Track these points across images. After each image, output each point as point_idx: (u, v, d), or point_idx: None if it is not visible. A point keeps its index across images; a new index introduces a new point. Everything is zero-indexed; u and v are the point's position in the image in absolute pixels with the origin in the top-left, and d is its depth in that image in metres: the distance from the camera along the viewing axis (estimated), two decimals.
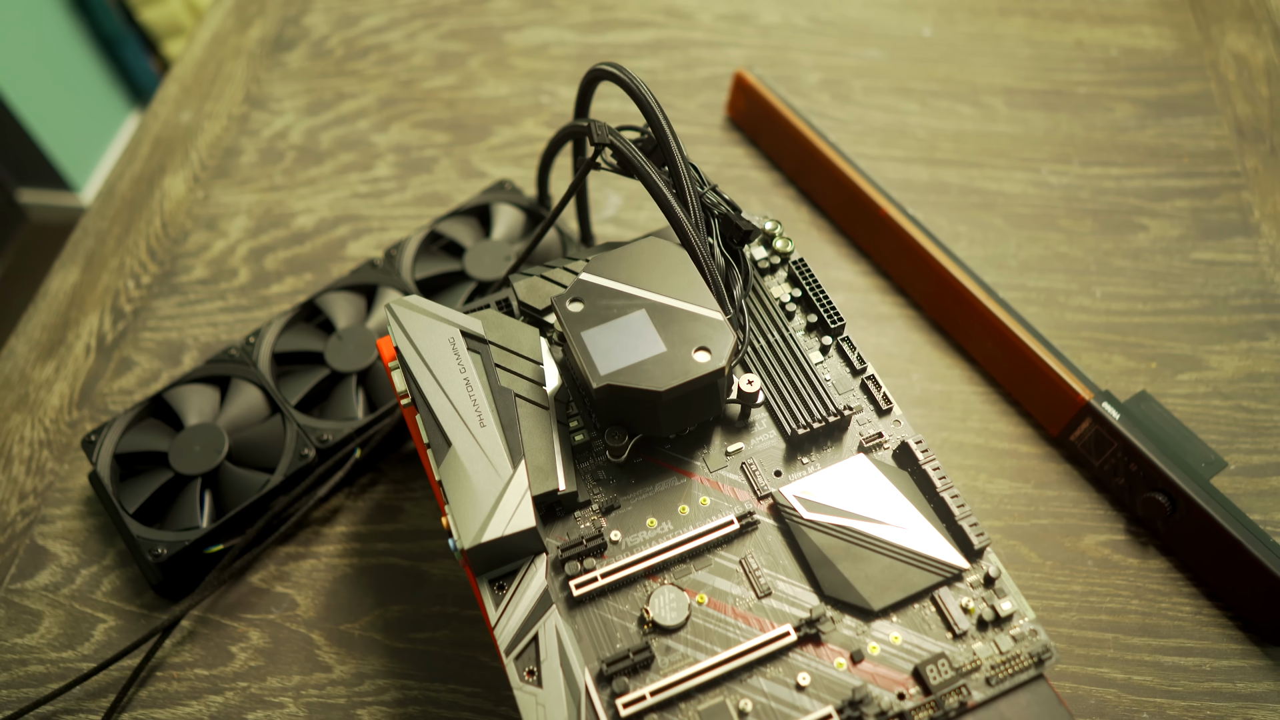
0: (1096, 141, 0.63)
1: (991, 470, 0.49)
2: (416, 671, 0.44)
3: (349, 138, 0.66)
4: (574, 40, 0.71)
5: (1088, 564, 0.46)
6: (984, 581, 0.34)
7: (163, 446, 0.47)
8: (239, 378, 0.50)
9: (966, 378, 0.53)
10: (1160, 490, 0.44)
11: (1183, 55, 0.68)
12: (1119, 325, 0.54)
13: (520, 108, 0.67)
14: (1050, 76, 0.67)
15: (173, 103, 0.69)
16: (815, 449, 0.37)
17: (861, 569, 0.34)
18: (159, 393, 0.49)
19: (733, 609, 0.33)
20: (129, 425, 0.48)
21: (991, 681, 0.32)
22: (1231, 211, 0.59)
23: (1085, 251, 0.58)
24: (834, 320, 0.40)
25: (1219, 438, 0.50)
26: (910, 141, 0.64)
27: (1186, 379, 0.52)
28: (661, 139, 0.38)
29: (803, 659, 0.32)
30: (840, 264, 0.58)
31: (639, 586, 0.34)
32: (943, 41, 0.69)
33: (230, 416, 0.48)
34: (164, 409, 0.49)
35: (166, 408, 0.49)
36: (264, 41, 0.73)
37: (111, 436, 0.48)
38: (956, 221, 0.59)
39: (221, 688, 0.44)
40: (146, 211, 0.63)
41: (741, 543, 0.35)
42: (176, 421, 0.49)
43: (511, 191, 0.57)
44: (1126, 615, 0.44)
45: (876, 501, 0.35)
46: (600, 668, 0.32)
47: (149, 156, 0.66)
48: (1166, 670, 0.43)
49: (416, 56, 0.71)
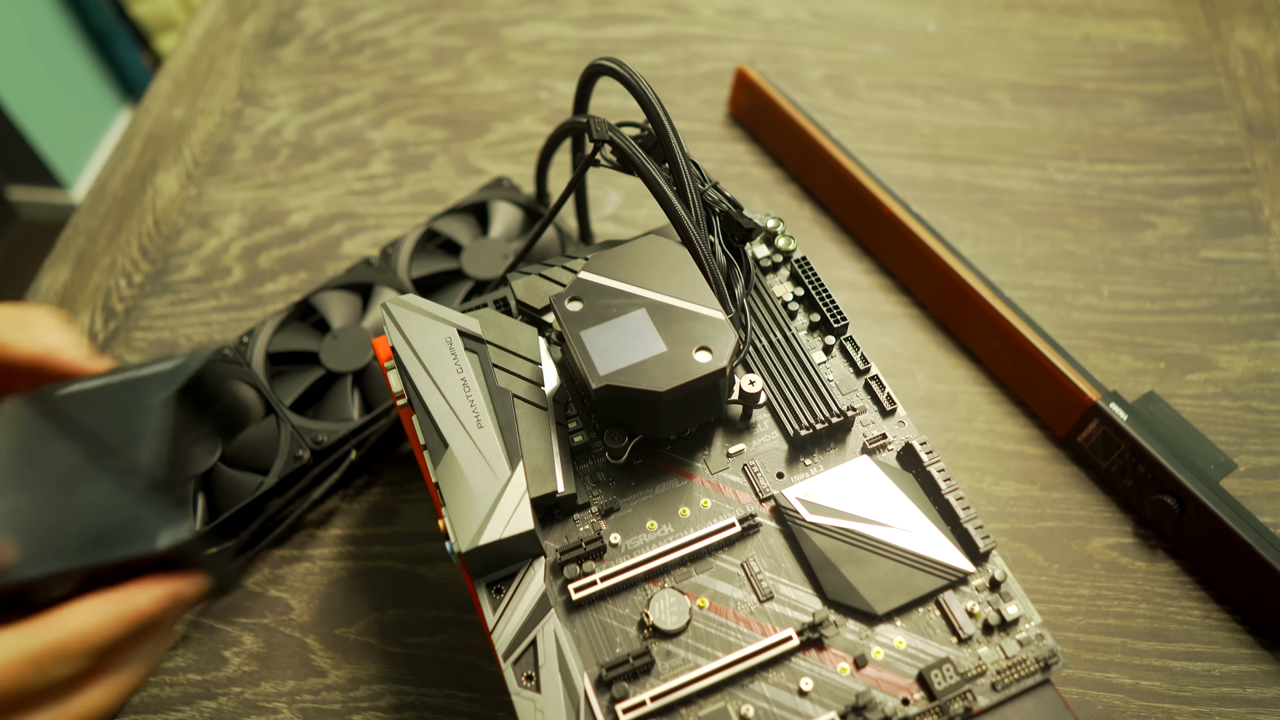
0: (1104, 138, 0.63)
1: (997, 472, 0.49)
2: (413, 676, 0.44)
3: (344, 134, 0.66)
4: (573, 35, 0.71)
5: (1095, 567, 0.46)
6: (989, 585, 0.34)
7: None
8: (233, 378, 0.50)
9: (972, 378, 0.53)
10: (1169, 492, 0.44)
11: (1191, 50, 0.68)
12: (1127, 325, 0.54)
13: (518, 103, 0.67)
14: (1057, 72, 0.67)
15: (165, 98, 0.69)
16: (818, 450, 0.37)
17: (865, 572, 0.33)
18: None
19: (734, 613, 0.33)
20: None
21: (997, 687, 0.32)
22: (1241, 209, 0.59)
23: (1092, 250, 0.58)
24: (837, 319, 0.40)
25: (1228, 439, 0.50)
26: (915, 138, 0.64)
27: (1195, 379, 0.52)
28: (662, 135, 0.38)
29: (805, 664, 0.32)
30: (843, 262, 0.58)
31: (639, 590, 0.34)
32: (948, 36, 0.69)
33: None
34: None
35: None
36: (258, 36, 0.73)
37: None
38: (961, 219, 0.59)
39: (215, 693, 0.43)
40: (138, 209, 0.63)
41: (743, 546, 0.35)
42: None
43: (509, 189, 0.57)
44: (1134, 619, 0.44)
45: (880, 504, 0.35)
46: (600, 673, 0.32)
47: (141, 153, 0.66)
48: (1175, 675, 0.43)
49: (413, 51, 0.71)
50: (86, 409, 0.29)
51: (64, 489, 0.27)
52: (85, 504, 0.26)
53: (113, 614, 0.23)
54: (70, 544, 0.25)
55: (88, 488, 0.27)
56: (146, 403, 0.28)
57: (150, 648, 0.25)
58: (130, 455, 0.27)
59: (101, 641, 0.23)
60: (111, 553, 0.25)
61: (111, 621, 0.23)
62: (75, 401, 0.29)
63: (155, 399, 0.29)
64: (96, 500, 0.26)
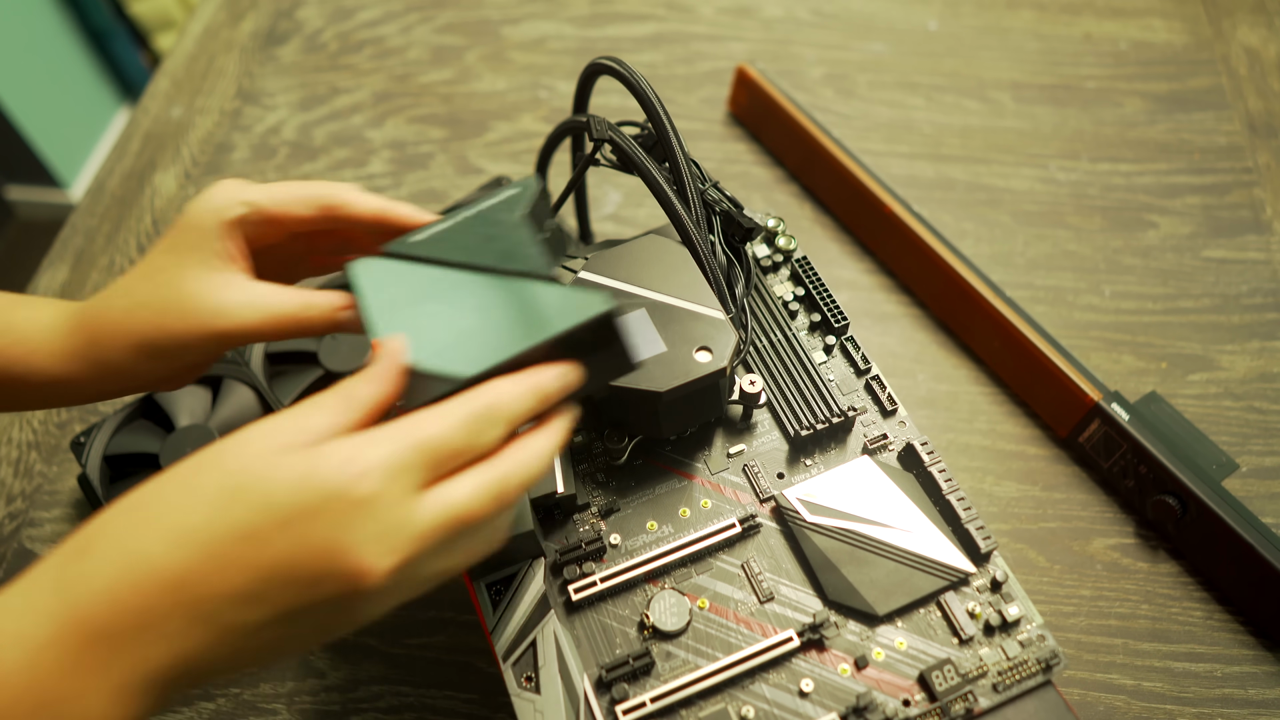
0: (1105, 137, 0.63)
1: (998, 472, 0.49)
2: (412, 677, 0.44)
3: (343, 133, 0.66)
4: (573, 34, 0.71)
5: (1096, 568, 0.46)
6: (991, 586, 0.34)
7: (153, 448, 0.47)
8: (231, 378, 0.49)
9: (973, 378, 0.53)
10: (1170, 493, 0.44)
11: (1193, 49, 0.68)
12: (1128, 324, 0.54)
13: (518, 103, 0.67)
14: (1058, 71, 0.67)
15: (163, 98, 0.69)
16: (819, 451, 0.37)
17: (866, 573, 0.33)
18: (150, 393, 0.49)
19: (735, 614, 0.33)
20: (119, 426, 0.48)
21: (999, 688, 0.32)
22: (1243, 208, 0.59)
23: (1094, 249, 0.58)
24: (838, 319, 0.40)
25: (1231, 439, 0.50)
26: (915, 137, 0.64)
27: (1197, 379, 0.52)
28: (662, 134, 0.38)
29: (806, 665, 0.32)
30: (844, 262, 0.58)
31: (639, 591, 0.34)
32: (949, 35, 0.69)
33: (222, 417, 0.48)
34: (155, 410, 0.49)
35: (157, 409, 0.49)
36: (256, 35, 0.73)
37: (101, 438, 0.48)
38: (963, 219, 0.59)
39: (213, 694, 0.43)
40: (137, 208, 0.63)
41: (743, 546, 0.35)
42: (168, 423, 0.49)
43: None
44: (1136, 620, 0.44)
45: (881, 504, 0.35)
46: (600, 674, 0.32)
47: (139, 152, 0.66)
48: (1177, 676, 0.43)
49: (412, 50, 0.71)
50: (446, 246, 0.31)
51: (470, 303, 0.29)
52: (505, 305, 0.29)
53: (525, 386, 0.27)
54: (505, 339, 0.28)
55: (496, 295, 0.29)
56: (503, 226, 0.31)
57: (551, 432, 0.28)
58: (521, 262, 0.30)
59: (518, 409, 0.26)
60: (554, 328, 0.28)
61: (525, 391, 0.27)
62: (432, 244, 0.31)
63: (510, 220, 0.31)
64: (514, 299, 0.29)
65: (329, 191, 0.33)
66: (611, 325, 0.28)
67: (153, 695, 0.23)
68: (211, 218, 0.32)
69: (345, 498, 0.23)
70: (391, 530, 0.24)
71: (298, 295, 0.32)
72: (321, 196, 0.33)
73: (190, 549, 0.23)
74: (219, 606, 0.23)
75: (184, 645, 0.23)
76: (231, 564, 0.23)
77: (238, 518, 0.23)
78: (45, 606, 0.23)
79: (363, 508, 0.24)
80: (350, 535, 0.23)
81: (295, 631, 0.25)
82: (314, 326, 0.32)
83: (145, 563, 0.23)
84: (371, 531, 0.24)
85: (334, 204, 0.33)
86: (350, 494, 0.23)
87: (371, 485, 0.24)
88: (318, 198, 0.33)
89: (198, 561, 0.23)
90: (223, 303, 0.31)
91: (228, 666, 0.24)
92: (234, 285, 0.31)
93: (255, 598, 0.23)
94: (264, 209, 0.32)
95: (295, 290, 0.32)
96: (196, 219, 0.32)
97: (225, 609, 0.23)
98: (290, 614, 0.24)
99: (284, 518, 0.23)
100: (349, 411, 0.26)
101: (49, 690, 0.22)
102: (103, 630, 0.23)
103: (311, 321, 0.32)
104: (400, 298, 0.30)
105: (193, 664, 0.23)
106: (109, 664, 0.23)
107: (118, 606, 0.23)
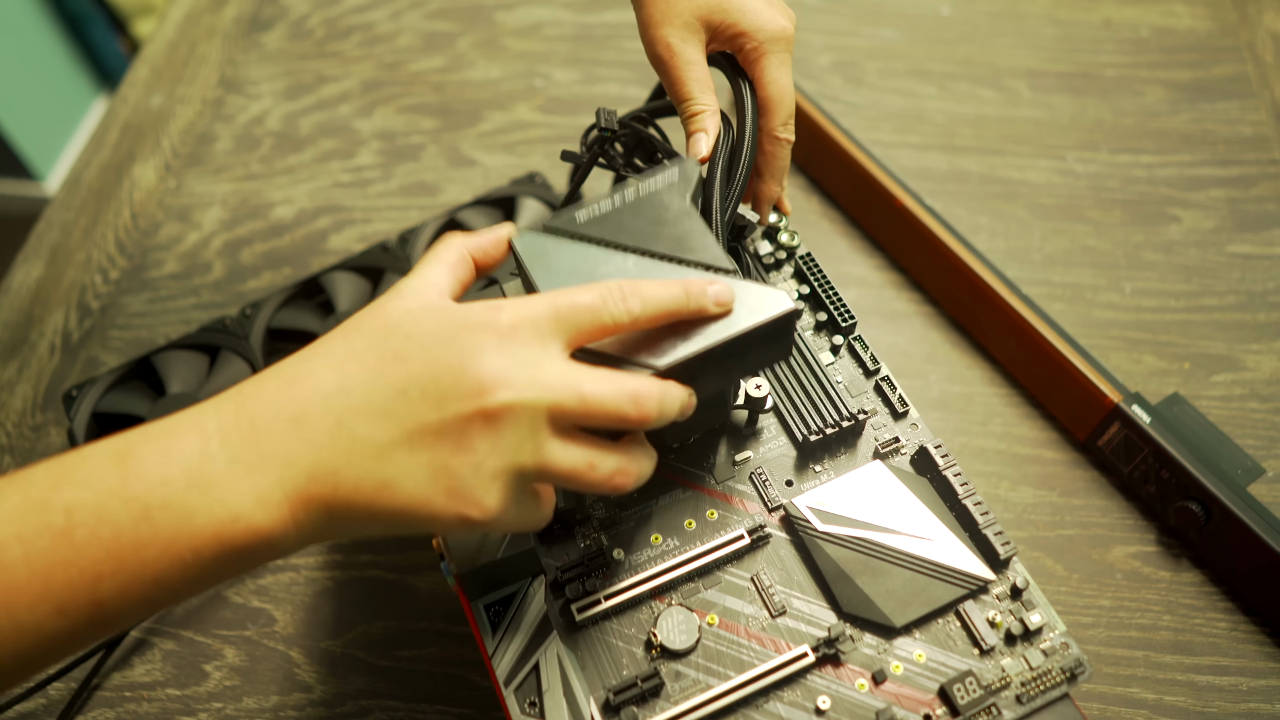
0: (1126, 127, 0.63)
1: (1014, 477, 0.49)
2: (402, 691, 0.43)
3: (330, 123, 0.65)
4: (569, 20, 0.70)
5: (1116, 577, 0.46)
6: (1011, 593, 0.34)
7: (142, 411, 0.48)
8: (229, 349, 0.50)
9: (987, 379, 0.52)
10: (1194, 498, 0.44)
11: (1218, 35, 0.67)
12: (1150, 323, 0.54)
13: (512, 91, 0.66)
14: (1076, 58, 0.67)
15: (143, 86, 0.69)
16: (828, 456, 0.37)
17: (881, 583, 0.33)
18: (147, 354, 0.50)
19: (746, 630, 0.33)
20: (113, 384, 0.49)
21: (1022, 699, 0.32)
22: (1270, 201, 0.59)
23: (1114, 244, 0.57)
24: (845, 318, 0.40)
25: (1256, 442, 0.49)
26: (928, 127, 0.63)
27: (1222, 380, 0.52)
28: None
29: (822, 681, 0.32)
30: (852, 258, 0.57)
31: (645, 608, 0.34)
32: (962, 20, 0.69)
33: (214, 388, 0.49)
34: (149, 371, 0.50)
35: (152, 371, 0.50)
36: (240, 21, 0.72)
37: (93, 394, 0.49)
38: (977, 212, 0.59)
39: (195, 709, 0.43)
40: (115, 202, 0.62)
41: (753, 558, 0.35)
42: (160, 386, 0.49)
43: (541, 185, 0.57)
44: (1158, 632, 0.44)
45: (895, 511, 0.35)
46: (607, 697, 0.31)
47: (117, 143, 0.66)
48: (1200, 690, 0.43)
49: (402, 37, 0.70)
50: (611, 227, 0.32)
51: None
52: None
53: (667, 286, 0.29)
54: (695, 336, 0.30)
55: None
56: (672, 211, 0.32)
57: (684, 390, 0.30)
58: (701, 253, 0.31)
59: (652, 296, 0.29)
60: (742, 324, 0.30)
61: (665, 289, 0.29)
62: (596, 224, 0.32)
63: (680, 207, 0.33)
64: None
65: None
66: (792, 322, 0.31)
67: (291, 506, 0.26)
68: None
69: (486, 328, 0.27)
70: (519, 364, 0.27)
71: None
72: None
73: (350, 367, 0.27)
74: (357, 417, 0.26)
75: (326, 456, 0.26)
76: (378, 379, 0.27)
77: (393, 346, 0.27)
78: (217, 407, 0.27)
79: (498, 337, 0.27)
80: (481, 357, 0.27)
81: (415, 464, 0.26)
82: None
83: (311, 379, 0.27)
84: (502, 361, 0.27)
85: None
86: (490, 325, 0.27)
87: (509, 318, 0.27)
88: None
89: (353, 377, 0.27)
90: None
91: (362, 499, 0.26)
92: None
93: (385, 413, 0.26)
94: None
95: None
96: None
97: (360, 421, 0.26)
98: (411, 436, 0.26)
99: (430, 342, 0.27)
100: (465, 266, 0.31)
101: (205, 474, 0.25)
102: (260, 428, 0.26)
103: None
104: (565, 270, 0.31)
105: (329, 479, 0.26)
106: (262, 462, 0.26)
107: (277, 411, 0.26)
